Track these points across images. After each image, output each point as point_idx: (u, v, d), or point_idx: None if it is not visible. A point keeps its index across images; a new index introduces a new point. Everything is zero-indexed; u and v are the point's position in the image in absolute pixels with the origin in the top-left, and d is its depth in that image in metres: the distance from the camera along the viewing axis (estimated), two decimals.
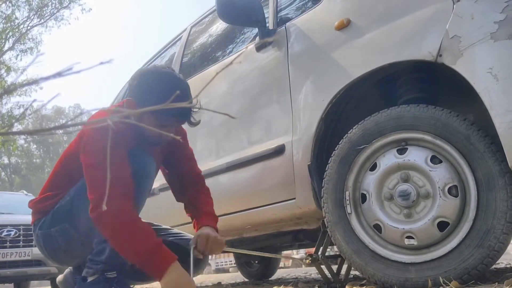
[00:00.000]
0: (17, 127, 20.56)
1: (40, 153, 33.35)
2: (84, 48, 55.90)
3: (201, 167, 2.34)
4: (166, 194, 1.96)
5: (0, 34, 16.57)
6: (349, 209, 1.66)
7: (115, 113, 1.80)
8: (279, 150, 1.98)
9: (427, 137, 1.50)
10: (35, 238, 1.77)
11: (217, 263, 15.80)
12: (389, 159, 1.58)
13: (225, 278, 5.71)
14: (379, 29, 1.65)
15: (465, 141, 1.42)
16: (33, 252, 5.12)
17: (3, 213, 5.72)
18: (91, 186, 1.51)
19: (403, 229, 1.52)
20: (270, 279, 4.03)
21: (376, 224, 1.59)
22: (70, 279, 1.89)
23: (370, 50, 1.67)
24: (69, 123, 0.54)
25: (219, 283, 3.56)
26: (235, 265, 5.11)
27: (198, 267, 1.80)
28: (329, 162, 1.72)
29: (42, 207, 1.74)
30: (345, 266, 2.24)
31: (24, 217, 5.29)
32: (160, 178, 2.02)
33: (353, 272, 3.01)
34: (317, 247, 1.99)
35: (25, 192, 7.52)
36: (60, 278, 1.95)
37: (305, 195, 1.87)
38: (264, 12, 2.17)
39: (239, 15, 2.10)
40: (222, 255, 15.06)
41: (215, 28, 2.85)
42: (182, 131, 1.92)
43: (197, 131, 2.47)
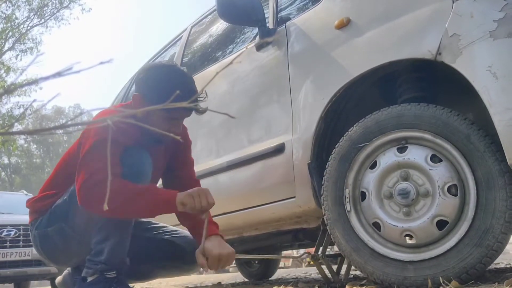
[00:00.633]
0: (17, 127, 20.56)
1: (40, 153, 33.37)
2: (84, 48, 55.97)
3: (202, 166, 2.35)
4: None
5: (0, 34, 16.57)
6: (349, 207, 1.66)
7: (121, 112, 1.81)
8: (279, 149, 1.98)
9: (428, 136, 1.51)
10: (32, 238, 1.76)
11: None
12: (389, 158, 1.58)
13: (225, 278, 5.71)
14: (379, 28, 1.65)
15: (465, 141, 1.43)
16: (33, 252, 5.12)
17: (3, 213, 5.73)
18: (80, 168, 1.51)
19: (402, 228, 1.52)
20: (270, 279, 4.03)
21: (376, 222, 1.60)
22: (69, 280, 1.89)
23: (370, 49, 1.67)
24: (69, 123, 0.54)
25: (219, 283, 3.56)
26: (235, 265, 5.11)
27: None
28: (330, 160, 1.73)
29: (40, 207, 1.74)
30: (345, 266, 2.24)
31: (24, 217, 5.28)
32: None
33: (353, 272, 3.02)
34: (317, 246, 2.00)
35: (25, 192, 7.52)
36: (59, 280, 1.95)
37: (305, 194, 1.87)
38: (264, 12, 2.17)
39: (239, 15, 2.11)
40: None
41: (215, 28, 2.86)
42: (188, 139, 1.93)
43: (197, 131, 2.47)
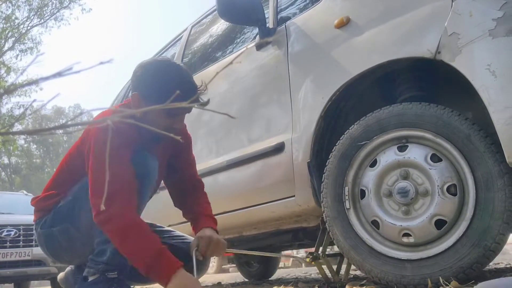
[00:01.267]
0: (17, 127, 20.57)
1: (40, 153, 33.36)
2: (84, 48, 55.98)
3: (201, 166, 2.35)
4: (166, 193, 1.97)
5: (0, 34, 16.58)
6: (348, 205, 1.67)
7: (121, 112, 1.81)
8: (279, 148, 1.98)
9: (428, 135, 1.51)
10: (37, 237, 1.77)
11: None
12: (389, 156, 1.59)
13: (225, 278, 5.71)
14: (379, 27, 1.66)
15: (466, 141, 1.43)
16: (33, 252, 5.13)
17: (3, 213, 5.73)
18: (94, 189, 1.50)
19: (401, 226, 1.53)
20: (270, 279, 4.03)
21: (374, 220, 1.60)
22: (71, 278, 1.89)
23: (370, 48, 1.67)
24: (69, 123, 0.54)
25: (219, 283, 3.56)
26: (235, 265, 5.11)
27: (201, 269, 1.79)
28: (330, 158, 1.73)
29: (44, 206, 1.74)
30: (344, 266, 2.24)
31: (24, 217, 5.30)
32: None
33: (353, 272, 3.02)
34: (317, 246, 2.00)
35: (25, 192, 7.53)
36: (61, 276, 1.95)
37: (305, 193, 1.88)
38: (264, 11, 2.18)
39: (240, 14, 2.12)
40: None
41: (216, 28, 2.86)
42: (188, 136, 1.93)
43: (197, 130, 2.48)
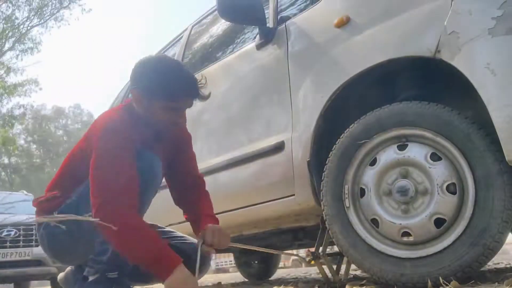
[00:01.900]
0: (17, 127, 20.57)
1: (40, 153, 33.31)
2: (84, 48, 55.98)
3: (202, 165, 2.36)
4: (166, 192, 1.97)
5: (0, 34, 16.60)
6: (348, 203, 1.67)
7: (123, 110, 1.80)
8: (279, 147, 1.99)
9: (428, 134, 1.52)
10: (39, 237, 1.75)
11: (217, 263, 15.78)
12: (389, 155, 1.59)
13: (225, 278, 5.71)
14: (378, 26, 1.66)
15: (466, 139, 1.43)
16: (33, 252, 5.12)
17: (3, 213, 5.72)
18: (95, 188, 1.49)
19: (400, 225, 1.53)
20: (270, 279, 4.03)
21: (374, 219, 1.60)
22: (71, 278, 1.89)
23: (369, 47, 1.68)
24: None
25: (219, 283, 3.55)
26: (235, 265, 5.11)
27: (202, 268, 1.79)
28: (330, 156, 1.73)
29: (47, 207, 1.73)
30: (344, 266, 2.24)
31: (24, 217, 5.29)
32: None
33: (353, 272, 3.02)
34: (317, 245, 2.00)
35: (25, 192, 7.52)
36: (61, 276, 1.95)
37: (304, 192, 1.88)
38: (265, 11, 2.18)
39: (240, 14, 2.12)
40: (222, 255, 15.05)
41: (216, 28, 2.87)
42: (187, 134, 1.93)
43: (198, 130, 2.48)
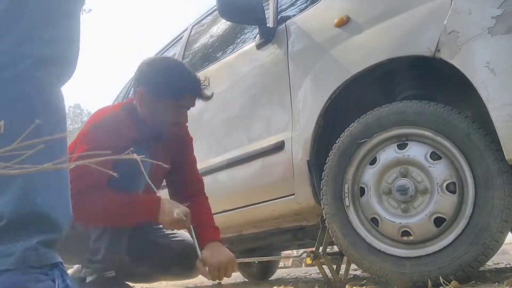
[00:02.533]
0: None
1: None
2: (84, 48, 56.08)
3: (202, 165, 2.36)
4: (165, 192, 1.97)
5: None
6: (348, 202, 1.67)
7: (121, 107, 1.80)
8: (279, 146, 1.99)
9: (428, 133, 1.52)
10: None
11: None
12: (389, 154, 1.59)
13: (225, 278, 5.70)
14: (378, 26, 1.67)
15: (466, 139, 1.44)
16: None
17: None
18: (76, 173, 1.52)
19: (400, 224, 1.53)
20: (270, 279, 4.03)
21: (374, 218, 1.61)
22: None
23: (369, 47, 1.68)
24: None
25: (219, 283, 3.55)
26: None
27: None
28: (330, 155, 1.74)
29: None
30: (344, 266, 2.24)
31: None
32: None
33: (353, 272, 3.02)
34: (317, 244, 2.00)
35: None
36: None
37: (304, 191, 1.88)
38: (265, 11, 2.19)
39: (240, 13, 2.13)
40: None
41: (216, 28, 2.87)
42: (189, 137, 1.94)
43: (198, 129, 2.48)
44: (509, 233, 1.97)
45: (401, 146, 1.58)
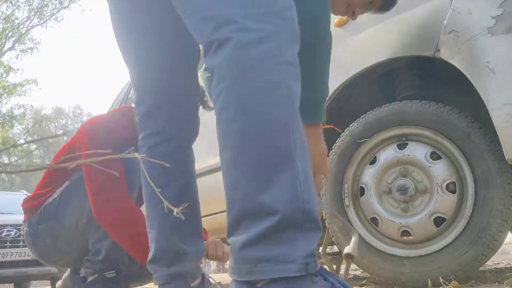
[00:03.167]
0: (17, 127, 20.60)
1: (40, 153, 33.35)
2: (84, 48, 56.00)
3: (201, 164, 2.35)
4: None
5: (0, 34, 16.61)
6: (347, 202, 1.67)
7: (119, 112, 1.80)
8: None
9: (428, 133, 1.52)
10: (24, 236, 1.78)
11: (218, 263, 15.75)
12: (389, 154, 1.59)
13: (225, 278, 5.70)
14: (378, 25, 1.66)
15: (465, 138, 1.44)
16: None
17: (3, 213, 5.72)
18: (90, 177, 1.52)
19: (400, 223, 1.53)
20: None
21: (373, 218, 1.61)
22: (69, 282, 1.89)
23: (369, 46, 1.68)
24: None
25: (219, 283, 3.55)
26: None
27: None
28: (330, 155, 1.73)
29: (32, 206, 1.76)
30: (344, 266, 2.24)
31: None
32: None
33: (353, 272, 3.02)
34: (317, 244, 2.00)
35: (25, 192, 7.52)
36: (60, 284, 1.96)
37: None
38: None
39: None
40: None
41: None
42: None
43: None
44: (509, 233, 1.98)
45: (401, 146, 1.58)
